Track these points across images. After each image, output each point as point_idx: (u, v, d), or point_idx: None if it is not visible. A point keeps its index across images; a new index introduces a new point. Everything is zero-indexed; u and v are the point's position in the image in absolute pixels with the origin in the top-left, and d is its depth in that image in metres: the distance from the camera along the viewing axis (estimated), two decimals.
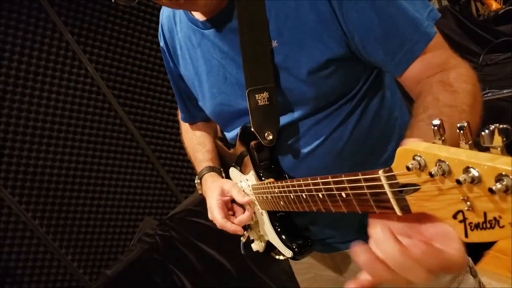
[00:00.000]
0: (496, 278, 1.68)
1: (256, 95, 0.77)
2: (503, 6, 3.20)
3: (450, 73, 0.65)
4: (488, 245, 1.86)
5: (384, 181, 0.45)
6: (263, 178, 0.84)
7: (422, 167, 0.40)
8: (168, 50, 1.01)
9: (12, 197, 2.27)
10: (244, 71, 0.78)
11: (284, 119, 0.81)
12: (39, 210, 2.37)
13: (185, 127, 1.18)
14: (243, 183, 0.93)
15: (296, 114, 0.80)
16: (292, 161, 0.84)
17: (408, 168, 0.41)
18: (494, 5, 3.31)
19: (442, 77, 0.66)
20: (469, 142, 0.37)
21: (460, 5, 3.41)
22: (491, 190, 0.34)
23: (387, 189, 0.45)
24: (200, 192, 1.04)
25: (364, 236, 0.88)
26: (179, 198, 2.84)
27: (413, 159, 0.40)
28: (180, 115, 1.17)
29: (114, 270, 2.17)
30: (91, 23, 2.49)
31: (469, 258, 0.98)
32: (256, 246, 0.96)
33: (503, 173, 0.33)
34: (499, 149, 0.35)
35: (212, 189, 0.95)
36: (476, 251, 1.86)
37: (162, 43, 1.03)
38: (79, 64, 2.44)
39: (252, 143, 0.83)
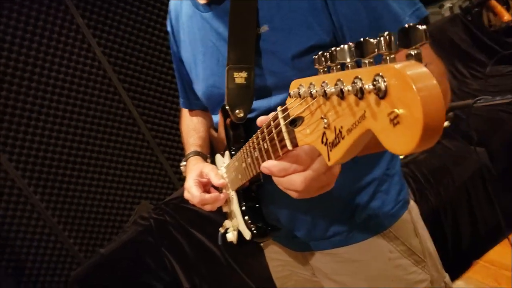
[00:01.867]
0: None
1: (235, 73, 0.80)
2: None
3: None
4: (478, 255, 1.90)
5: (280, 115, 0.50)
6: (233, 157, 0.85)
7: (301, 95, 0.43)
8: (173, 34, 1.05)
9: (16, 170, 2.35)
10: (228, 50, 0.81)
11: (261, 103, 0.84)
12: (41, 185, 2.45)
13: (184, 112, 1.22)
14: (222, 167, 0.96)
15: (274, 99, 0.82)
16: None
17: (289, 95, 0.44)
18: (506, 16, 3.30)
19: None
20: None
21: (472, 15, 3.40)
22: (325, 95, 0.36)
23: (281, 122, 0.49)
24: (184, 174, 1.06)
25: (333, 237, 0.92)
26: (176, 185, 2.91)
27: (297, 88, 0.44)
28: (180, 100, 1.21)
29: (108, 249, 2.24)
30: (102, 7, 2.55)
31: (447, 274, 1.00)
32: (230, 236, 0.97)
33: (340, 78, 0.35)
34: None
35: (192, 170, 0.98)
36: (466, 261, 1.90)
37: (169, 28, 1.07)
38: (87, 47, 2.50)
39: (227, 120, 0.86)
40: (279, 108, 0.51)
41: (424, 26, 0.31)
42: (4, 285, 1.85)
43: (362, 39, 0.35)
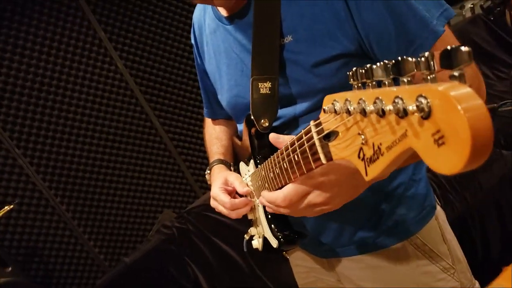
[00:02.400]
0: None
1: (259, 83, 0.81)
2: None
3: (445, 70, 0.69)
4: (508, 261, 1.84)
5: (313, 129, 0.50)
6: (259, 165, 0.85)
7: (337, 111, 0.43)
8: (197, 46, 1.07)
9: (43, 182, 2.43)
10: (252, 60, 0.82)
11: (286, 111, 0.84)
12: (66, 196, 2.51)
13: (207, 122, 1.23)
14: (246, 175, 0.97)
15: (299, 107, 0.83)
16: None
17: (324, 111, 0.45)
18: None
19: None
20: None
21: (494, 15, 3.33)
22: (363, 113, 0.37)
23: (314, 136, 0.50)
24: (209, 183, 1.07)
25: (359, 243, 0.91)
26: (198, 193, 2.93)
27: (332, 104, 0.44)
28: (204, 110, 1.22)
29: (132, 258, 2.27)
30: (123, 22, 2.62)
31: (476, 281, 0.98)
32: (256, 243, 0.97)
33: (380, 97, 0.35)
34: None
35: (217, 179, 0.98)
36: (496, 267, 1.84)
37: (192, 40, 1.09)
38: (109, 60, 2.57)
39: (252, 130, 0.87)
40: (312, 122, 0.52)
41: (468, 48, 0.31)
42: None
43: (400, 58, 0.35)
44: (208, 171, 1.07)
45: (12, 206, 2.11)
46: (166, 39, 2.78)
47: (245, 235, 1.03)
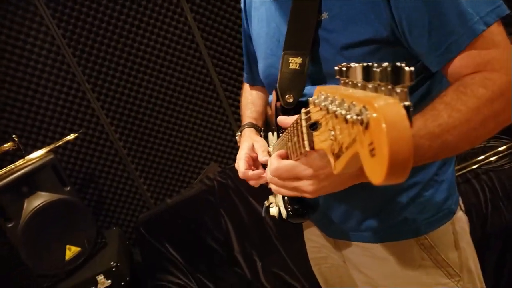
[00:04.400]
0: None
1: (290, 58, 0.81)
2: None
3: (478, 77, 0.64)
4: None
5: (303, 117, 0.53)
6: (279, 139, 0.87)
7: (316, 104, 0.45)
8: (245, 10, 1.09)
9: (106, 118, 2.65)
10: (286, 34, 0.83)
11: (313, 90, 0.85)
12: (125, 134, 2.73)
13: (245, 87, 1.27)
14: (271, 146, 0.99)
15: None
16: None
17: (308, 102, 0.47)
18: None
19: (466, 78, 0.65)
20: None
21: None
22: (333, 112, 0.38)
23: (303, 124, 0.52)
24: (238, 144, 1.09)
25: (367, 231, 0.93)
26: None
27: (317, 96, 0.46)
28: (244, 75, 1.25)
29: (173, 200, 2.44)
30: None
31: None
32: (273, 210, 1.00)
33: (344, 99, 0.37)
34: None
35: (245, 142, 1.02)
36: None
37: (242, 4, 1.11)
38: (180, 11, 2.66)
39: (277, 103, 0.87)
40: (303, 110, 0.54)
41: (411, 69, 0.33)
42: (85, 218, 2.15)
43: (368, 64, 0.37)
44: (239, 133, 1.11)
45: (77, 135, 2.36)
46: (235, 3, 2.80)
47: (265, 202, 1.07)
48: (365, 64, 0.37)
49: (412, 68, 0.33)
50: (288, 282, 2.16)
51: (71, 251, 2.07)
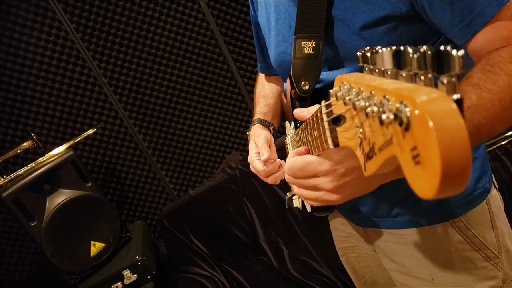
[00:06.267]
0: None
1: (303, 42, 0.77)
2: None
3: (503, 51, 0.59)
4: None
5: (323, 110, 0.46)
6: (297, 129, 0.83)
7: (338, 97, 0.39)
8: None
9: (124, 111, 2.63)
10: (297, 17, 0.78)
11: (329, 75, 0.80)
12: (144, 126, 2.71)
13: (259, 78, 1.22)
14: (288, 136, 0.95)
15: (343, 72, 0.77)
16: None
17: (329, 94, 0.41)
18: None
19: (492, 54, 0.60)
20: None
21: None
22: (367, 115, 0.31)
23: (324, 118, 0.46)
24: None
25: (397, 217, 0.86)
26: None
27: (339, 86, 0.40)
28: (257, 65, 1.20)
29: (196, 191, 2.42)
30: None
31: None
32: (296, 202, 0.97)
33: (373, 92, 0.31)
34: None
35: (251, 144, 0.98)
36: None
37: None
38: (198, 7, 2.60)
39: (292, 91, 0.83)
40: (323, 103, 0.47)
41: (462, 52, 0.26)
42: (108, 213, 2.14)
43: (400, 48, 0.30)
44: (249, 132, 1.07)
45: (95, 130, 2.35)
46: None
47: (288, 193, 1.03)
48: (395, 47, 0.31)
49: (462, 52, 0.26)
50: (316, 269, 2.12)
51: (95, 247, 2.07)
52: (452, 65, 0.26)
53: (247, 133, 1.08)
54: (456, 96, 0.25)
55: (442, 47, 0.27)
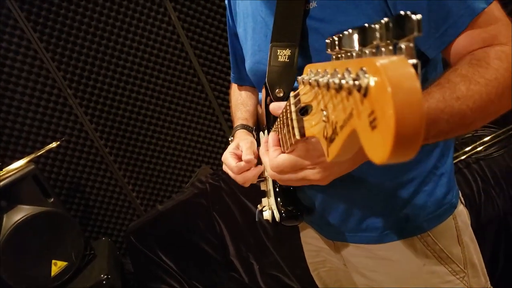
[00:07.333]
0: None
1: (278, 50, 0.78)
2: None
3: (490, 50, 0.61)
4: None
5: (291, 101, 0.46)
6: None
7: (304, 81, 0.39)
8: (230, 7, 1.05)
9: (90, 124, 2.55)
10: (273, 25, 0.79)
11: None
12: (111, 140, 2.63)
13: (233, 87, 1.22)
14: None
15: None
16: None
17: (296, 81, 0.42)
18: None
19: (477, 52, 0.62)
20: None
21: None
22: (326, 86, 0.32)
23: (292, 109, 0.46)
24: None
25: (366, 232, 0.87)
26: None
27: (307, 74, 0.40)
28: (231, 75, 1.21)
29: (165, 206, 2.36)
30: None
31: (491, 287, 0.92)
32: (267, 214, 0.97)
33: (337, 68, 0.31)
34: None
35: (233, 143, 0.97)
36: None
37: (226, 1, 1.06)
38: (164, 11, 2.57)
39: (267, 99, 0.84)
40: (291, 94, 0.48)
41: (419, 16, 0.27)
42: (71, 230, 2.04)
43: (366, 25, 0.31)
44: (232, 138, 1.06)
45: (59, 143, 2.26)
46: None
47: (258, 205, 1.03)
48: (360, 26, 0.31)
49: (420, 16, 0.27)
50: (287, 283, 2.10)
51: (57, 266, 1.96)
52: (410, 27, 0.27)
53: (230, 139, 1.06)
54: (413, 61, 0.26)
55: (402, 12, 0.28)
